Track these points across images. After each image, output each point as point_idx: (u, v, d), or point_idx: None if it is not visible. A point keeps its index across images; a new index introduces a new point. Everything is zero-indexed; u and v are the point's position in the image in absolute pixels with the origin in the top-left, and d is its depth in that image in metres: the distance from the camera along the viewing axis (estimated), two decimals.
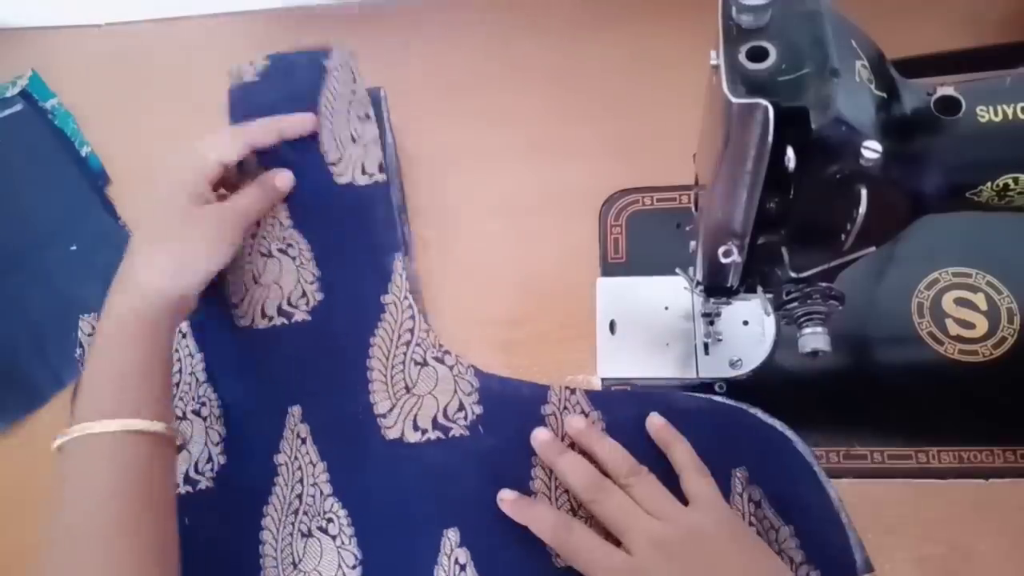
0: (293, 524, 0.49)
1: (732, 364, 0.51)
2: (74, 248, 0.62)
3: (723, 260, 0.38)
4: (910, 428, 0.48)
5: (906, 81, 0.35)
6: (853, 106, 0.31)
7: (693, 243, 0.44)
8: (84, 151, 0.66)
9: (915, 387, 0.49)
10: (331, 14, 0.68)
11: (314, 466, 0.50)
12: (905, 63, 0.36)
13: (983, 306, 0.50)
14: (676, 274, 0.46)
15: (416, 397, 0.51)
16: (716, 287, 0.44)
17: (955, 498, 0.46)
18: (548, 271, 0.56)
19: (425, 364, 0.52)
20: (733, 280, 0.42)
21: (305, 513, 0.49)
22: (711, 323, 0.51)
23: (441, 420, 0.50)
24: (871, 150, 0.31)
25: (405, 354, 0.52)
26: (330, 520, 0.49)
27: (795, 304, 0.40)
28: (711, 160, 0.35)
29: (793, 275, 0.39)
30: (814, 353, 0.40)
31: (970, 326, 0.50)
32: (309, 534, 0.49)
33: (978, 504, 0.46)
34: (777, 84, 0.31)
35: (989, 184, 0.35)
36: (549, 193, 0.58)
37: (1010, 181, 0.35)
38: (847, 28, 0.33)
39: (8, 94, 0.68)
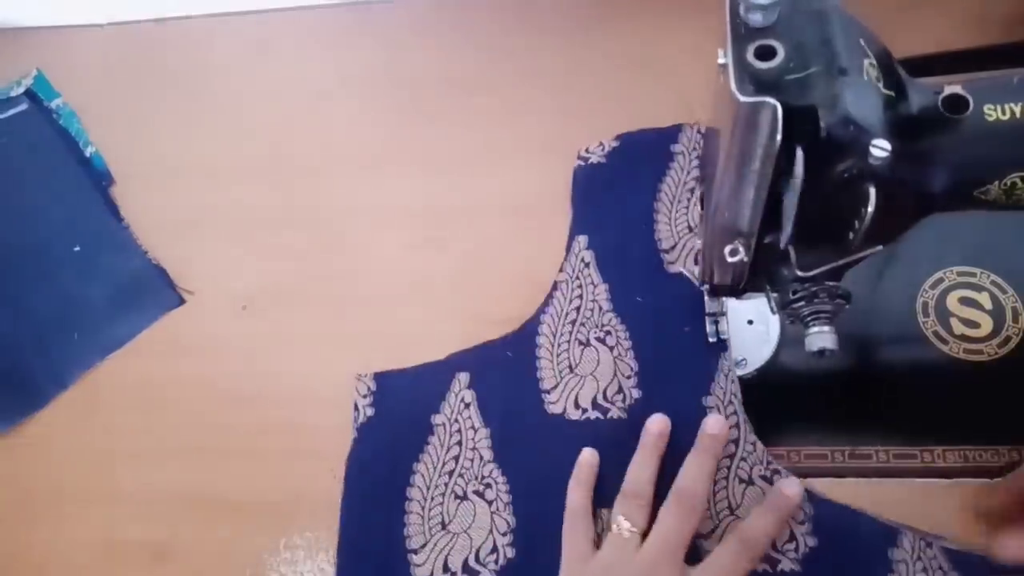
0: None
1: (736, 363, 0.50)
2: (77, 249, 0.62)
3: (729, 259, 0.38)
4: (915, 427, 0.48)
5: (914, 80, 0.35)
6: (861, 105, 0.31)
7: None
8: (88, 151, 0.65)
9: (920, 386, 0.49)
10: (333, 13, 0.68)
11: None
12: (913, 62, 0.36)
13: (988, 305, 0.50)
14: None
15: (738, 519, 0.46)
16: (721, 286, 0.44)
17: (961, 498, 0.46)
18: (549, 271, 0.56)
19: (751, 483, 0.47)
20: (738, 279, 0.42)
21: None
22: (715, 322, 0.51)
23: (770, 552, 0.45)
24: (880, 149, 0.31)
25: (729, 468, 0.47)
26: None
27: (801, 303, 0.40)
28: (718, 159, 0.35)
29: (800, 274, 0.38)
30: (821, 352, 0.40)
31: (975, 325, 0.50)
32: None
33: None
34: (785, 83, 0.31)
35: (996, 183, 0.35)
36: (550, 192, 0.58)
37: (1017, 180, 0.35)
38: (855, 27, 0.33)
39: (13, 93, 0.68)
